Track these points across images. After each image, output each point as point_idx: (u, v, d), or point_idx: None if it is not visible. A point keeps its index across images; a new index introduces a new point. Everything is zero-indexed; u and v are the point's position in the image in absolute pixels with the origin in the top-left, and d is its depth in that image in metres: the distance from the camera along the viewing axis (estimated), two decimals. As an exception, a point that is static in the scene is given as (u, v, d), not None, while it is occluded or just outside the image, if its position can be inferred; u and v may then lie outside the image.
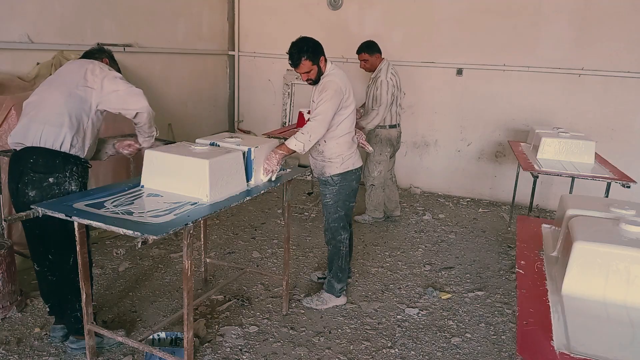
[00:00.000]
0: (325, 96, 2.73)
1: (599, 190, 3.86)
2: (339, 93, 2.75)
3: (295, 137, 2.70)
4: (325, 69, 2.85)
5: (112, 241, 3.92)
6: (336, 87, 2.75)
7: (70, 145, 2.35)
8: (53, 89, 2.41)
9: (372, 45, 4.28)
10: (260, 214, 4.81)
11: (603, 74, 4.91)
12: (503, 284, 3.58)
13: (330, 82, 2.78)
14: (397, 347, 2.76)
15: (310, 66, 2.78)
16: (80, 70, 2.42)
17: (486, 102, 5.43)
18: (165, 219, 2.02)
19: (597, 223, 1.88)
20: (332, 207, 2.98)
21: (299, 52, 2.75)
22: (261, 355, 2.62)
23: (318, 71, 2.82)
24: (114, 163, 4.01)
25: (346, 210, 3.01)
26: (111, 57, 2.70)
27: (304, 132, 2.70)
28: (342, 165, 2.90)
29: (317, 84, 2.87)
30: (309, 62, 2.76)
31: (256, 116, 6.56)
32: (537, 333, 1.47)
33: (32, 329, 2.74)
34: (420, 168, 5.88)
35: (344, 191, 2.94)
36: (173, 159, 2.36)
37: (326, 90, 2.75)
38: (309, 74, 2.82)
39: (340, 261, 3.07)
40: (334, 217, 3.00)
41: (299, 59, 2.76)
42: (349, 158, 2.92)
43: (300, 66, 2.78)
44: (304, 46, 2.75)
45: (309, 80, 2.86)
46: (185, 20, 5.50)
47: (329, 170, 2.92)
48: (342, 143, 2.88)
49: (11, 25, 3.59)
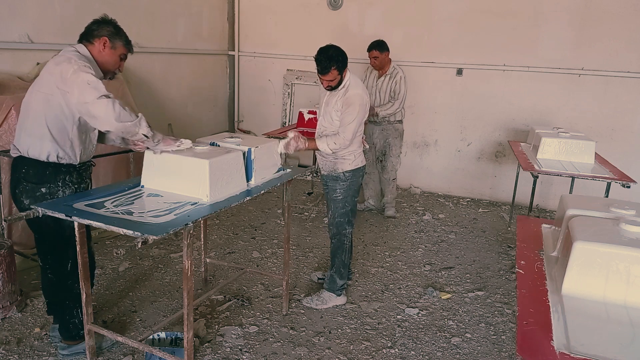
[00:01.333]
0: (353, 111, 2.85)
1: (599, 190, 3.87)
2: (363, 106, 2.89)
3: (327, 143, 2.89)
4: (345, 76, 2.91)
5: (112, 241, 3.92)
6: (361, 102, 2.87)
7: (57, 157, 2.24)
8: (35, 92, 2.23)
9: (382, 43, 4.49)
10: (260, 214, 4.81)
11: (603, 74, 4.91)
12: (503, 284, 3.58)
13: (356, 95, 2.87)
14: (397, 347, 2.76)
15: (336, 75, 2.85)
16: (55, 71, 2.17)
17: (486, 102, 5.43)
18: (165, 219, 2.02)
19: (597, 223, 1.88)
20: (341, 202, 3.05)
21: (329, 60, 2.79)
22: (261, 355, 2.62)
23: (341, 79, 2.90)
24: (114, 163, 4.01)
25: (352, 205, 3.09)
26: (114, 31, 2.39)
27: (336, 142, 2.88)
28: (353, 162, 3.01)
29: (336, 89, 2.93)
30: (336, 72, 2.83)
31: (256, 116, 6.56)
32: (537, 333, 1.47)
33: (32, 329, 2.74)
34: (420, 168, 5.88)
35: (353, 187, 3.05)
36: (173, 159, 2.36)
37: (353, 104, 2.85)
38: (332, 82, 2.88)
39: (343, 255, 3.12)
40: (341, 212, 3.06)
41: (328, 68, 2.80)
42: (360, 155, 3.06)
43: (328, 74, 2.83)
44: (335, 55, 2.80)
45: (328, 87, 2.93)
46: (185, 20, 5.50)
47: (342, 167, 3.00)
48: (354, 142, 2.98)
49: (11, 25, 3.59)
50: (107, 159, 3.86)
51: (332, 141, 2.90)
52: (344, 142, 2.89)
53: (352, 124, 2.86)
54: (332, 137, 2.91)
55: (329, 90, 2.95)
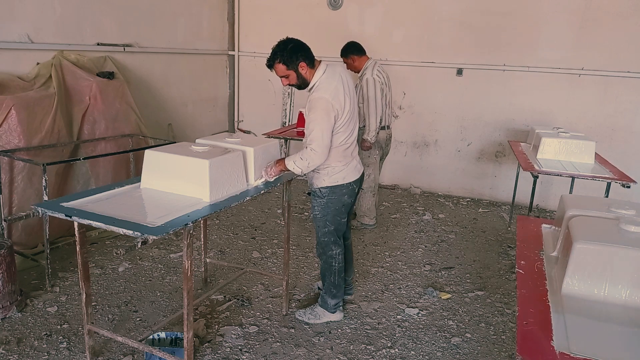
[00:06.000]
0: (314, 117, 2.51)
1: (599, 190, 3.86)
2: (329, 110, 2.50)
3: (294, 161, 2.57)
4: (314, 76, 2.59)
5: (112, 241, 3.92)
6: (324, 105, 2.50)
7: None
8: None
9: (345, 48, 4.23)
10: (260, 214, 4.81)
11: (603, 74, 4.91)
12: (503, 284, 3.58)
13: (318, 99, 2.52)
14: (397, 347, 2.76)
15: (285, 71, 2.57)
16: None
17: (486, 102, 5.43)
18: (165, 219, 2.02)
19: (597, 223, 1.88)
20: (321, 220, 2.78)
21: (274, 53, 2.56)
22: (261, 355, 2.62)
23: (299, 77, 2.59)
24: (114, 163, 4.01)
25: (336, 225, 2.80)
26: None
27: (303, 157, 2.54)
28: (329, 178, 2.69)
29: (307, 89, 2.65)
30: (282, 66, 2.55)
31: (256, 116, 6.56)
32: (537, 333, 1.46)
33: (32, 329, 2.74)
34: (420, 168, 5.88)
35: (332, 205, 2.74)
36: (173, 159, 2.36)
37: (313, 109, 2.52)
38: (288, 79, 2.61)
39: (332, 277, 2.88)
40: (324, 232, 2.80)
41: (272, 60, 2.57)
42: (339, 172, 2.69)
43: (274, 69, 2.59)
44: (280, 48, 2.55)
45: (292, 86, 2.66)
46: (185, 20, 5.50)
47: (317, 182, 2.74)
48: (331, 155, 2.62)
49: (11, 25, 3.59)
50: (107, 159, 3.87)
51: (298, 157, 2.55)
52: (312, 156, 2.51)
53: (314, 132, 2.49)
54: (300, 152, 2.57)
55: (297, 89, 2.67)
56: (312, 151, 2.52)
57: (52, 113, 3.52)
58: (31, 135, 3.41)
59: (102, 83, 3.95)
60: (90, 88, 3.87)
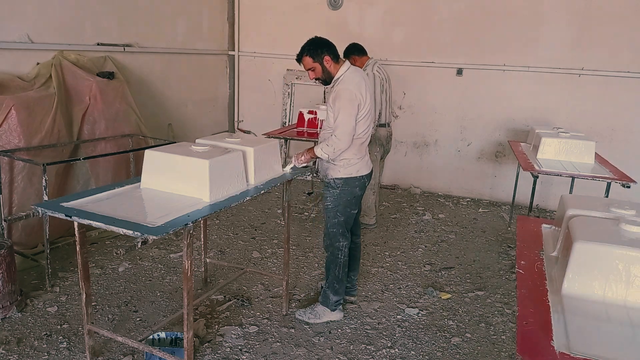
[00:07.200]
0: (340, 107, 2.69)
1: (599, 190, 3.86)
2: (353, 100, 2.69)
3: (321, 148, 2.75)
4: (338, 71, 2.79)
5: (112, 241, 3.92)
6: (349, 95, 2.69)
7: None
8: None
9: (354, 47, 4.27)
10: (260, 214, 4.81)
11: (603, 74, 4.91)
12: (503, 284, 3.58)
13: (343, 90, 2.71)
14: (397, 347, 2.76)
15: (311, 63, 2.78)
16: None
17: (486, 102, 5.43)
18: (165, 219, 2.02)
19: (597, 223, 1.88)
20: (332, 211, 2.88)
21: (302, 48, 2.80)
22: (261, 355, 2.62)
23: (324, 71, 2.79)
24: (114, 163, 4.01)
25: (346, 217, 2.90)
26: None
27: (329, 144, 2.72)
28: (344, 169, 2.82)
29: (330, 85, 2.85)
30: (309, 59, 2.77)
31: (256, 116, 6.56)
32: (537, 333, 1.46)
33: (32, 329, 2.74)
34: (420, 168, 5.88)
35: (345, 196, 2.85)
36: (173, 159, 2.36)
37: (339, 99, 2.70)
38: (314, 73, 2.81)
39: (337, 270, 2.92)
40: (333, 222, 2.90)
41: (300, 55, 2.80)
42: (355, 164, 2.83)
43: (302, 62, 2.81)
44: (308, 43, 2.80)
45: (317, 80, 2.85)
46: (185, 20, 5.50)
47: (332, 173, 2.85)
48: (350, 147, 2.78)
49: (11, 25, 3.59)
50: (107, 159, 3.87)
51: (324, 144, 2.74)
52: (338, 142, 2.70)
53: (340, 118, 2.68)
54: (326, 140, 2.75)
55: (323, 84, 2.89)
56: (339, 139, 2.70)
57: (52, 113, 3.52)
58: (31, 135, 3.41)
59: (102, 83, 3.95)
60: (90, 88, 3.87)
